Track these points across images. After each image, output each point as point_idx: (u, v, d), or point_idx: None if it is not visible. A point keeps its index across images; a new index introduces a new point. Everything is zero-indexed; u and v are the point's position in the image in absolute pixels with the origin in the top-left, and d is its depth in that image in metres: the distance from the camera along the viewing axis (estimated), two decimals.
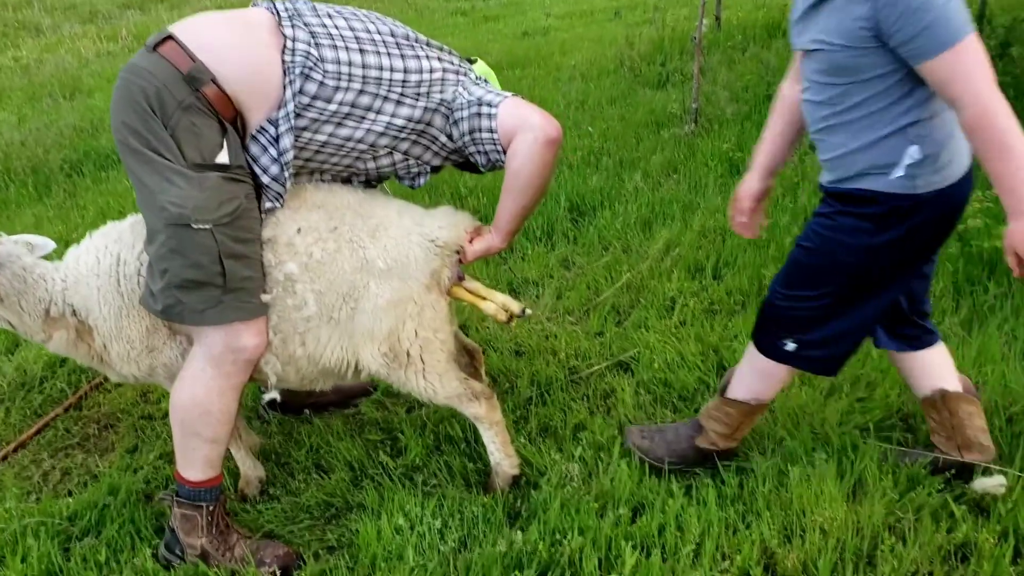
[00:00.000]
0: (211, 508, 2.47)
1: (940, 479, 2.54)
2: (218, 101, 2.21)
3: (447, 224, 2.52)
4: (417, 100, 2.40)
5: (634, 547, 2.37)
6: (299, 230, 2.39)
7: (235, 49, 2.23)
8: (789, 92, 2.42)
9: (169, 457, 3.01)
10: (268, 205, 2.38)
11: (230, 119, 2.25)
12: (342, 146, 2.41)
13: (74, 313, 2.55)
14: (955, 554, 2.33)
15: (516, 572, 2.31)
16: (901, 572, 2.25)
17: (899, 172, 2.11)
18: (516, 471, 2.68)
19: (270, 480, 2.90)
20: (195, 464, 2.44)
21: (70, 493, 2.91)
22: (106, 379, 3.55)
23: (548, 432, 3.01)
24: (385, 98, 2.36)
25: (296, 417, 3.25)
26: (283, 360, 2.46)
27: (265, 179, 2.34)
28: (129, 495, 2.77)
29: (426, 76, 2.39)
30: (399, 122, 2.41)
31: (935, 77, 1.94)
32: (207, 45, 2.20)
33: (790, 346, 2.40)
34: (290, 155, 2.32)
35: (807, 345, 2.39)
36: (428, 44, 2.48)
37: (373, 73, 2.33)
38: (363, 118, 2.37)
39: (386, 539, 2.45)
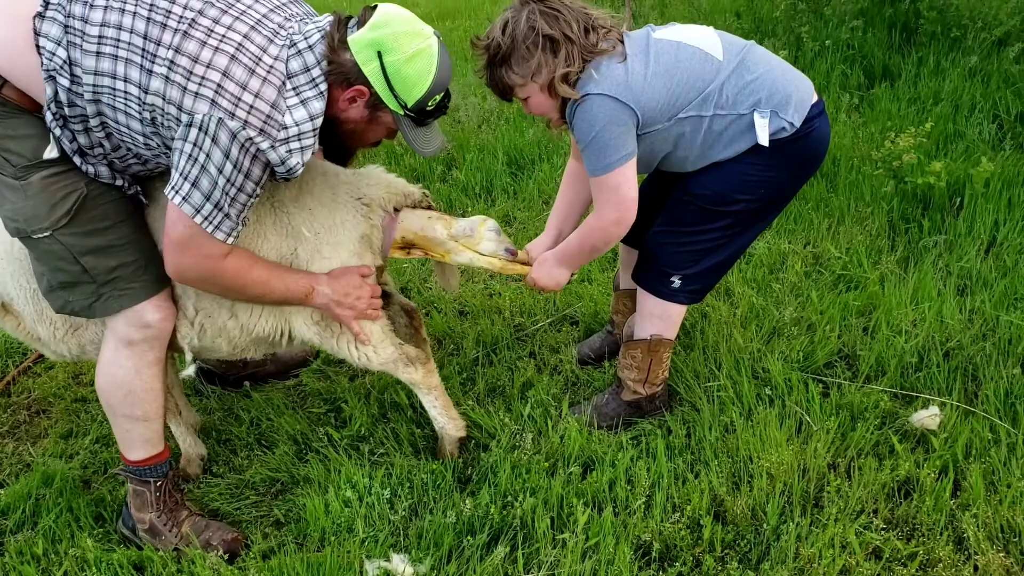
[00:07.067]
0: (159, 484, 2.43)
1: (878, 418, 2.59)
2: (21, 100, 1.99)
3: (376, 182, 2.45)
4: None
5: (585, 504, 2.37)
6: None
7: (4, 47, 1.96)
8: (575, 167, 2.67)
9: (106, 440, 2.91)
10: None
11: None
12: (137, 151, 2.12)
13: None
14: (898, 491, 2.38)
15: (468, 538, 2.30)
16: (847, 512, 2.29)
17: None
18: (462, 433, 2.65)
19: (212, 458, 2.82)
20: (133, 444, 2.41)
21: (1, 485, 2.79)
22: (36, 362, 3.42)
23: (496, 392, 2.98)
24: (139, 117, 2.00)
25: (235, 391, 3.16)
26: (212, 332, 2.39)
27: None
28: (65, 483, 2.67)
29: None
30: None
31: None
32: None
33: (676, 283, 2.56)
34: (74, 162, 2.06)
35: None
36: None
37: (121, 85, 1.96)
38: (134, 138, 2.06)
39: (335, 512, 2.40)
